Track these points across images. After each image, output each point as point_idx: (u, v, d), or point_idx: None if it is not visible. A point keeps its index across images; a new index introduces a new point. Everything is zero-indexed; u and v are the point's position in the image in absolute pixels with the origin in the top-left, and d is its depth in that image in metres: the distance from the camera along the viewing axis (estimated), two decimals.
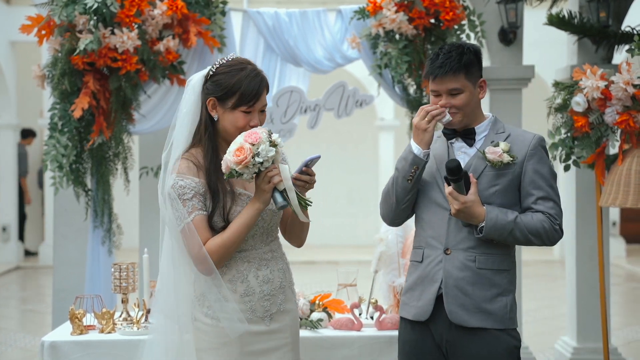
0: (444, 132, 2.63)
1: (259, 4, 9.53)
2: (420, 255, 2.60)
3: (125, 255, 5.50)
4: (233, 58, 2.45)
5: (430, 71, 2.57)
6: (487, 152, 2.53)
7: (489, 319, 2.51)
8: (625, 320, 7.38)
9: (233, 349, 2.39)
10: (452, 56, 2.54)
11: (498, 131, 2.60)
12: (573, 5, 4.95)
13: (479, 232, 2.50)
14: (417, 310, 2.57)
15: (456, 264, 2.52)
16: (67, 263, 4.81)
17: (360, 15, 4.57)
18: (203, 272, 2.38)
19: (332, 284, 3.53)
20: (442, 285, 2.52)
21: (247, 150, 2.25)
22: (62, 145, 4.26)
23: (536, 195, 2.53)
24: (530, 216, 2.52)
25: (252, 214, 2.35)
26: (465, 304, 2.50)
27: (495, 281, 2.53)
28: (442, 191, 2.56)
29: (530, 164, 2.54)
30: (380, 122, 11.93)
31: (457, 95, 2.55)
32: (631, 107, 3.79)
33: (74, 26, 4.18)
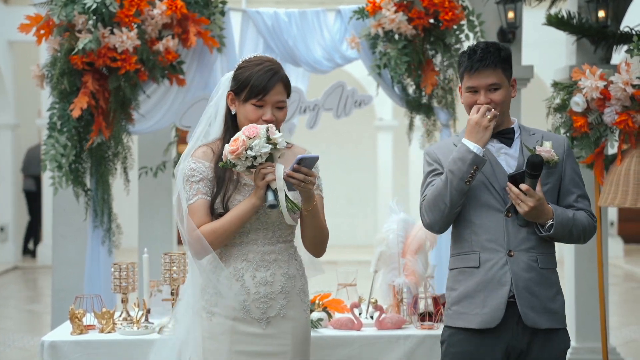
0: None
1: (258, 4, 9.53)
2: (477, 260, 2.50)
3: (124, 255, 5.50)
4: (257, 55, 2.52)
5: (469, 65, 2.52)
6: (541, 149, 2.52)
7: (554, 319, 2.51)
8: (623, 320, 7.39)
9: (222, 346, 2.40)
10: (491, 51, 2.53)
11: (530, 132, 2.61)
12: (572, 5, 4.95)
13: (547, 229, 2.48)
14: (483, 317, 2.47)
15: (522, 266, 2.49)
16: (67, 263, 4.81)
17: (359, 15, 4.57)
18: (194, 254, 2.40)
19: (331, 284, 3.53)
20: (513, 287, 2.47)
21: (241, 142, 2.29)
22: (61, 145, 4.25)
23: (577, 193, 2.58)
24: (579, 213, 2.56)
25: (247, 207, 2.36)
26: (534, 305, 2.48)
27: (553, 280, 2.55)
28: (492, 193, 2.51)
29: (568, 164, 2.59)
30: (378, 122, 11.93)
31: (496, 91, 2.53)
32: (630, 107, 3.80)
33: (73, 26, 4.18)
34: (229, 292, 2.40)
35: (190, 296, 2.49)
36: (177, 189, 2.44)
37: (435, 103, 4.61)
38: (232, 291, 2.40)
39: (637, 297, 8.97)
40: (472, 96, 2.55)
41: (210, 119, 2.50)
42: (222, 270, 2.41)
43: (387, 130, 11.88)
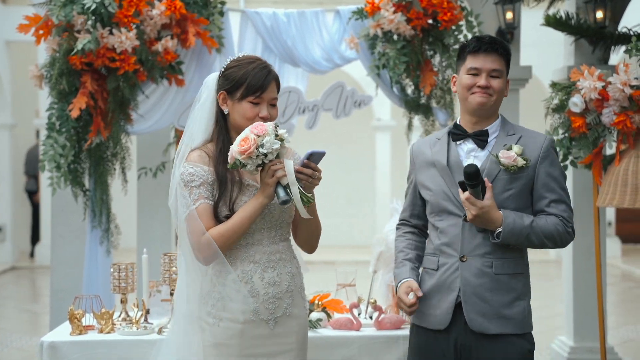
0: (454, 132, 2.58)
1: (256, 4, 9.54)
2: (435, 263, 2.56)
3: (122, 255, 5.49)
4: (244, 55, 2.51)
5: (477, 46, 2.52)
6: (501, 156, 2.49)
7: (508, 325, 2.49)
8: (621, 319, 7.40)
9: (233, 350, 2.38)
10: (499, 40, 2.57)
11: (508, 133, 2.56)
12: (570, 6, 4.96)
13: (495, 237, 2.47)
14: (434, 318, 2.54)
15: (473, 271, 2.49)
16: (65, 263, 4.80)
17: (358, 15, 4.58)
18: (202, 260, 2.37)
19: (330, 284, 3.54)
20: (461, 293, 2.49)
21: (252, 140, 2.27)
22: (60, 145, 4.25)
23: (549, 198, 2.52)
24: (544, 219, 2.51)
25: (255, 207, 2.35)
26: (484, 310, 2.48)
27: (512, 285, 2.51)
28: (451, 198, 2.53)
29: (542, 167, 2.52)
30: (377, 122, 11.94)
31: (497, 79, 2.54)
32: (628, 108, 3.81)
33: (72, 26, 4.18)
34: (237, 296, 2.38)
35: (183, 303, 2.45)
36: (173, 194, 2.40)
37: (434, 103, 4.62)
38: (240, 294, 2.38)
39: (634, 297, 8.98)
40: (473, 78, 2.53)
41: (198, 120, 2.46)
42: (227, 274, 2.39)
43: (386, 131, 11.89)
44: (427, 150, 2.62)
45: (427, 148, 2.63)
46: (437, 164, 2.58)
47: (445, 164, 2.55)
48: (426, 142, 2.67)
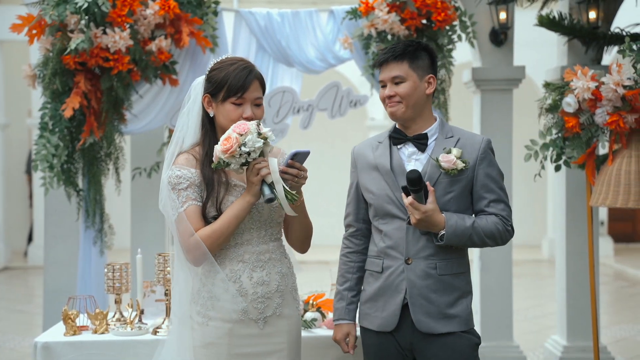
0: (394, 137, 2.62)
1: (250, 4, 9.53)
2: (380, 266, 2.60)
3: (116, 255, 5.48)
4: (227, 57, 2.51)
5: (376, 61, 2.62)
6: (442, 160, 2.53)
7: (453, 323, 2.54)
8: (613, 318, 7.43)
9: (221, 350, 2.39)
10: (399, 46, 2.59)
11: (447, 135, 2.60)
12: (563, 6, 4.98)
13: (439, 239, 2.52)
14: (381, 321, 2.59)
15: (418, 273, 2.54)
16: (58, 263, 4.79)
17: (352, 15, 4.58)
18: (192, 261, 2.38)
19: (324, 284, 3.54)
20: (407, 295, 2.54)
21: (234, 139, 2.28)
22: (53, 145, 4.24)
23: (488, 198, 2.57)
24: (485, 219, 2.55)
25: (242, 206, 2.36)
26: (430, 311, 2.53)
27: (455, 285, 2.57)
28: (394, 202, 2.56)
29: (481, 169, 2.57)
30: (370, 122, 11.95)
31: (400, 84, 2.56)
32: (621, 108, 3.82)
33: (65, 26, 4.17)
34: (225, 295, 2.39)
35: (175, 303, 2.47)
36: (162, 198, 2.41)
37: None
38: (229, 294, 2.39)
39: (627, 296, 9.02)
40: (382, 90, 2.60)
41: (186, 124, 2.47)
42: (216, 274, 2.40)
43: (379, 130, 11.87)
44: (369, 154, 2.65)
45: (369, 151, 2.65)
46: (380, 168, 2.60)
47: (389, 168, 2.58)
48: (367, 145, 2.69)
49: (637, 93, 3.70)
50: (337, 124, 10.85)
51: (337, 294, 2.71)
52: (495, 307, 5.13)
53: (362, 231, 2.71)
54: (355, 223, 2.72)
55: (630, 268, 10.86)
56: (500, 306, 5.12)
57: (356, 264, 2.70)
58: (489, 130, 5.11)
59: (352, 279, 2.69)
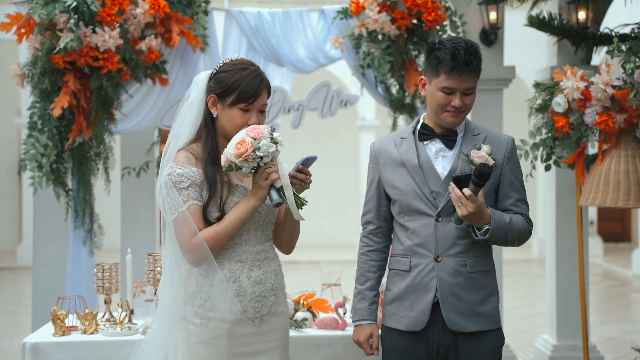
0: (421, 132, 2.59)
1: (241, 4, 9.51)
2: (407, 264, 2.56)
3: (106, 256, 5.45)
4: (237, 58, 2.49)
5: (454, 67, 2.46)
6: (473, 155, 2.50)
7: (482, 321, 2.53)
8: (602, 317, 7.47)
9: (221, 350, 2.38)
10: (473, 53, 2.48)
11: (474, 132, 2.58)
12: (553, 6, 5.00)
13: (483, 234, 2.49)
14: (410, 320, 2.55)
15: (448, 271, 2.51)
16: (47, 264, 4.76)
17: (342, 15, 4.58)
18: (192, 262, 2.36)
19: (315, 284, 3.54)
20: (438, 293, 2.50)
21: (249, 144, 2.27)
22: (42, 144, 4.21)
23: (515, 197, 2.56)
24: (516, 218, 2.55)
25: (248, 209, 2.35)
26: (460, 309, 2.51)
27: (484, 282, 2.55)
28: (422, 198, 2.54)
29: (508, 167, 2.56)
30: (361, 122, 11.96)
31: (470, 95, 2.53)
32: (610, 108, 3.84)
33: (54, 24, 4.14)
34: (224, 296, 2.38)
35: (168, 302, 2.44)
36: (161, 195, 2.37)
37: (419, 103, 4.64)
38: (227, 294, 2.38)
39: (616, 296, 9.07)
40: (446, 97, 2.50)
41: (185, 120, 2.45)
42: (215, 274, 2.39)
43: (370, 130, 11.92)
44: (392, 150, 2.62)
45: (393, 147, 2.62)
46: (407, 164, 2.57)
47: (417, 164, 2.56)
48: (389, 140, 2.66)
49: (626, 93, 3.72)
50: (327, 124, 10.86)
51: (357, 293, 2.66)
52: None
53: (383, 229, 2.68)
54: (376, 220, 2.68)
55: (620, 267, 10.93)
56: None
57: (377, 263, 2.66)
58: None
59: (373, 277, 2.65)
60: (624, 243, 13.86)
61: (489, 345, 2.53)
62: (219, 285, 2.38)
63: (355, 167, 12.40)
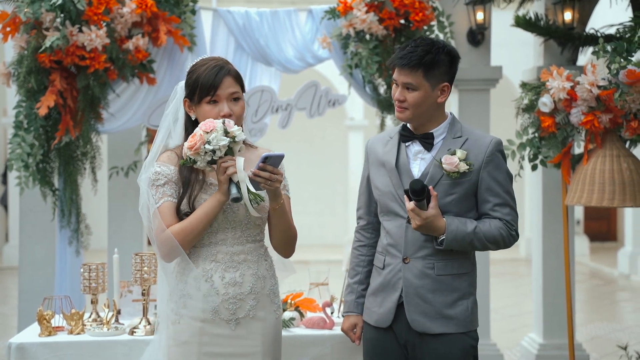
0: (401, 134, 2.60)
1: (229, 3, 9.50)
2: (382, 262, 2.62)
3: (93, 256, 5.43)
4: (202, 58, 2.51)
5: (392, 59, 2.54)
6: (444, 162, 2.50)
7: (450, 324, 2.53)
8: (588, 316, 7.52)
9: (192, 348, 2.40)
10: (417, 51, 2.48)
11: (455, 135, 2.56)
12: (539, 7, 5.03)
13: (439, 244, 2.51)
14: (378, 316, 2.61)
15: (415, 272, 2.54)
16: (33, 264, 4.73)
17: (330, 15, 4.58)
18: (162, 257, 2.39)
19: (303, 283, 3.54)
20: (403, 294, 2.55)
21: (198, 137, 2.30)
22: (28, 144, 4.19)
23: (493, 202, 2.53)
24: (488, 224, 2.53)
25: (212, 204, 2.36)
26: (426, 311, 2.53)
27: (455, 286, 2.55)
28: (397, 200, 2.56)
29: (486, 171, 2.53)
30: (349, 122, 11.97)
31: (412, 92, 2.51)
32: (596, 108, 3.87)
33: (41, 23, 4.12)
34: (197, 294, 2.40)
35: (158, 301, 2.50)
36: (142, 195, 2.43)
37: None
38: (200, 292, 2.40)
39: (602, 295, 9.13)
40: (394, 88, 2.55)
41: (170, 126, 2.50)
42: (190, 272, 2.40)
43: (358, 130, 11.93)
44: (379, 149, 2.65)
45: (380, 146, 2.65)
46: (386, 165, 2.60)
47: (394, 166, 2.57)
48: (380, 139, 2.68)
49: (611, 93, 3.75)
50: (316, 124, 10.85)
51: (347, 286, 2.74)
52: None
53: (373, 225, 2.70)
54: (367, 216, 2.71)
55: (606, 266, 11.00)
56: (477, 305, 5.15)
57: (367, 257, 2.70)
58: None
59: (362, 272, 2.70)
60: (610, 242, 13.95)
61: (457, 347, 2.53)
62: (192, 283, 2.40)
63: (343, 167, 12.41)
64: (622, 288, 9.49)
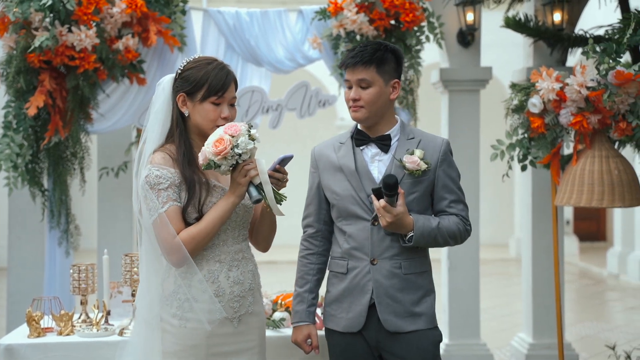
0: (356, 138, 2.62)
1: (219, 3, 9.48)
2: (345, 267, 2.61)
3: (84, 257, 5.41)
4: (199, 56, 2.50)
5: (343, 61, 2.60)
6: (406, 161, 2.56)
7: (419, 321, 2.58)
8: (578, 316, 7.56)
9: (200, 351, 2.38)
10: (367, 50, 2.57)
11: (408, 136, 2.62)
12: (529, 8, 5.06)
13: (407, 241, 2.55)
14: (347, 322, 2.60)
15: (384, 273, 2.56)
16: (22, 265, 4.71)
17: (321, 15, 4.59)
18: (175, 263, 2.36)
19: (293, 284, 3.54)
20: (374, 295, 2.56)
21: (227, 141, 2.27)
22: (17, 144, 4.17)
23: (449, 198, 2.61)
24: (447, 220, 2.60)
25: (227, 207, 2.35)
26: (396, 310, 2.56)
27: (419, 283, 2.60)
28: (359, 203, 2.58)
29: (442, 170, 2.61)
30: (340, 122, 11.98)
31: (366, 89, 2.56)
32: (585, 109, 3.89)
33: (30, 23, 4.10)
34: (203, 296, 2.38)
35: (144, 307, 2.43)
36: (139, 197, 2.37)
37: (396, 104, 4.66)
38: (206, 294, 2.38)
39: (591, 294, 9.18)
40: (348, 91, 2.59)
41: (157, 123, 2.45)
42: (194, 275, 2.38)
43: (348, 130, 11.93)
44: (331, 154, 2.66)
45: (332, 152, 2.66)
46: (345, 169, 2.61)
47: (354, 169, 2.60)
48: (329, 145, 2.70)
49: (600, 94, 3.77)
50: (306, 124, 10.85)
51: (296, 295, 2.70)
52: (463, 306, 5.18)
53: (323, 232, 2.71)
54: (316, 224, 2.71)
55: (595, 266, 11.06)
56: (467, 305, 5.18)
57: (316, 266, 2.70)
58: (456, 131, 5.16)
59: (312, 280, 2.69)
60: (599, 242, 14.04)
61: (427, 342, 2.58)
62: (198, 286, 2.38)
63: None
64: (611, 288, 9.55)
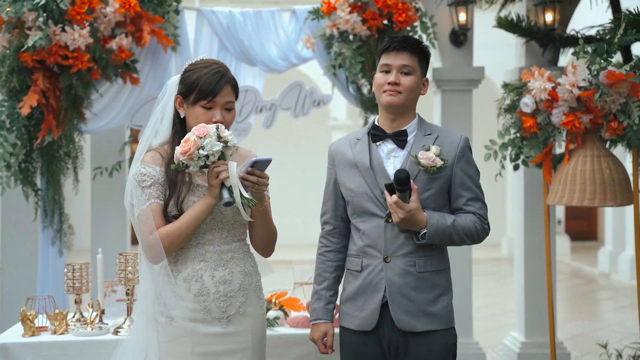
0: (373, 134, 2.61)
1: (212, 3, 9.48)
2: (359, 265, 2.59)
3: (77, 256, 5.40)
4: (203, 58, 2.52)
5: (388, 44, 2.55)
6: (421, 157, 2.53)
7: (433, 321, 2.55)
8: (569, 315, 7.60)
9: (184, 349, 2.40)
10: (412, 39, 2.59)
11: (426, 132, 2.60)
12: (521, 8, 5.09)
13: (420, 238, 2.52)
14: (361, 320, 2.57)
15: (397, 271, 2.53)
16: (16, 264, 4.71)
17: (314, 15, 4.60)
18: (150, 259, 2.39)
19: (287, 283, 3.55)
20: (387, 293, 2.53)
21: (192, 142, 2.30)
22: (10, 143, 4.17)
23: (466, 196, 2.57)
24: (464, 218, 2.56)
25: (202, 207, 2.37)
26: (410, 309, 2.53)
27: (435, 282, 2.57)
28: (373, 200, 2.56)
29: (459, 167, 2.57)
30: (333, 122, 12.00)
31: (408, 76, 2.55)
32: (576, 108, 3.91)
33: (23, 23, 4.10)
34: (187, 294, 2.41)
35: (142, 301, 2.48)
36: (128, 194, 2.43)
37: None
38: (191, 293, 2.41)
39: (583, 293, 9.23)
40: (384, 76, 2.55)
41: (157, 123, 2.50)
42: (178, 273, 2.42)
43: (341, 130, 11.95)
44: (347, 150, 2.65)
45: (348, 148, 2.65)
46: (359, 165, 2.60)
47: (368, 166, 2.58)
48: (345, 141, 2.69)
49: (591, 94, 3.80)
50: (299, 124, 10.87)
51: (314, 293, 2.68)
52: (455, 305, 5.16)
53: (340, 229, 2.68)
54: (333, 221, 2.69)
55: (586, 266, 11.12)
56: (460, 304, 5.18)
57: (334, 263, 2.67)
58: None
59: (330, 278, 2.66)
60: (591, 242, 14.10)
61: (440, 344, 2.54)
62: (182, 284, 2.41)
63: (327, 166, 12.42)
64: (603, 287, 9.60)
